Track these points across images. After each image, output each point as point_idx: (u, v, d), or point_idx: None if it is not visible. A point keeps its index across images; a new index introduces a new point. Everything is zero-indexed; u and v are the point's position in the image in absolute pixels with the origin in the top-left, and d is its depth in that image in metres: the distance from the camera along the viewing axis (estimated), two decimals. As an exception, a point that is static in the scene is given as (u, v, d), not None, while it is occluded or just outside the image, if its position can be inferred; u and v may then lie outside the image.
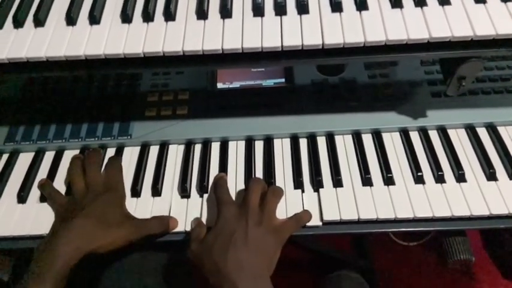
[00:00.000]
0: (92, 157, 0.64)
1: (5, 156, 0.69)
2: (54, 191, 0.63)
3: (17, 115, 0.72)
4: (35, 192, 0.64)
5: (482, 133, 0.66)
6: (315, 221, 0.58)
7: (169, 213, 0.61)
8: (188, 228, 0.59)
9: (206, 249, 0.51)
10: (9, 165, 0.67)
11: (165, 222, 0.58)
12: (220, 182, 0.60)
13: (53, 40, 0.53)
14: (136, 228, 0.57)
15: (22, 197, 0.63)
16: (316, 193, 0.61)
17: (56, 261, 0.50)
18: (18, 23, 0.54)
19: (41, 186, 0.64)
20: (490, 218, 0.57)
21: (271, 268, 0.52)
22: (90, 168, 0.62)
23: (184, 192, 0.63)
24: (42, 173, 0.67)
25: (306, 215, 0.58)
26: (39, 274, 0.49)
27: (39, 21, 0.54)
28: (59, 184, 0.65)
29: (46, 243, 0.53)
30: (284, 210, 0.59)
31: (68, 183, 0.63)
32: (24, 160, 0.68)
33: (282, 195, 0.59)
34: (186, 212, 0.61)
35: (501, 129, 0.66)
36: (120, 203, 0.60)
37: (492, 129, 0.66)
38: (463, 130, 0.67)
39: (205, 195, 0.62)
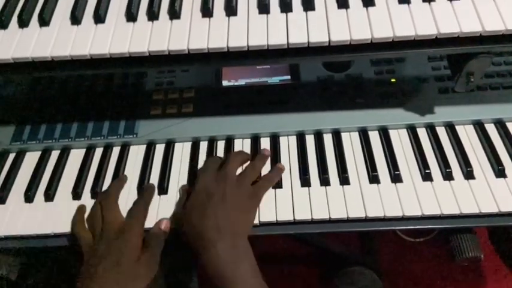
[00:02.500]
0: (108, 196, 0.60)
1: (12, 156, 0.69)
2: (83, 228, 0.59)
3: (23, 115, 0.72)
4: (41, 192, 0.64)
5: (491, 129, 0.65)
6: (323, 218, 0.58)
7: (175, 210, 0.60)
8: None
9: (186, 214, 0.54)
10: (16, 164, 0.68)
11: (161, 235, 0.56)
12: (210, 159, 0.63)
13: (58, 39, 0.53)
14: (150, 265, 0.54)
15: (29, 196, 0.63)
16: (323, 191, 0.60)
17: None
18: (23, 22, 0.54)
19: (74, 219, 0.60)
20: (499, 215, 0.57)
21: (250, 226, 0.55)
22: (105, 208, 0.58)
23: (191, 191, 0.63)
24: (49, 172, 0.67)
25: (274, 174, 0.61)
26: None
27: (44, 21, 0.54)
28: (65, 183, 0.65)
29: None
30: (291, 208, 0.59)
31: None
32: (30, 159, 0.68)
33: (261, 169, 0.62)
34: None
35: (510, 125, 0.65)
36: (130, 250, 0.54)
37: (501, 125, 0.65)
38: (471, 126, 0.66)
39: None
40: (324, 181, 0.61)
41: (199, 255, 0.52)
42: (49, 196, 0.63)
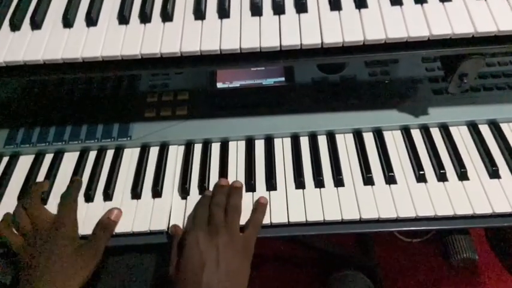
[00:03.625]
0: (30, 196, 0.61)
1: (5, 159, 0.69)
2: (11, 233, 0.59)
3: (17, 118, 0.72)
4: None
5: (485, 130, 0.65)
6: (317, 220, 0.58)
7: (170, 214, 0.60)
8: None
9: (180, 279, 0.52)
10: (10, 168, 0.67)
11: (108, 224, 0.57)
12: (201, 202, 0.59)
13: (50, 43, 0.53)
14: (91, 255, 0.55)
15: (23, 200, 0.63)
16: (317, 193, 0.60)
17: None
18: (15, 26, 0.54)
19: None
20: (493, 216, 0.57)
21: (245, 284, 0.53)
22: (31, 208, 0.59)
23: (184, 193, 0.62)
24: (42, 175, 0.66)
25: (258, 215, 0.58)
26: None
27: (36, 24, 0.54)
28: (59, 187, 0.65)
29: None
30: (285, 210, 0.59)
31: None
32: (24, 163, 0.68)
33: (240, 205, 0.58)
34: (185, 213, 0.60)
35: (504, 126, 0.65)
36: (65, 242, 0.56)
37: (495, 126, 0.65)
38: (465, 127, 0.66)
39: (206, 196, 0.62)
40: (319, 183, 0.61)
41: None
42: (43, 199, 0.63)
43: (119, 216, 0.58)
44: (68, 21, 0.54)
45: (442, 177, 0.60)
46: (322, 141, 0.66)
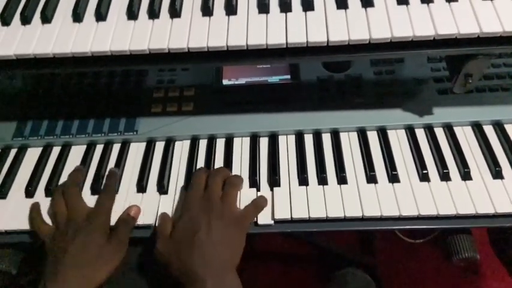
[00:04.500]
0: (70, 184, 0.62)
1: (14, 151, 0.70)
2: (41, 222, 0.60)
3: (25, 111, 0.73)
4: (42, 187, 0.65)
5: (489, 131, 0.65)
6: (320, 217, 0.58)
7: (173, 209, 0.61)
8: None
9: (173, 249, 0.53)
10: (18, 160, 0.68)
11: (128, 220, 0.59)
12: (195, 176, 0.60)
13: (59, 37, 0.53)
14: (117, 249, 0.56)
15: (30, 191, 0.64)
16: (320, 190, 0.61)
17: None
18: (25, 19, 0.55)
19: (31, 216, 0.61)
20: (496, 216, 0.57)
21: (237, 258, 0.54)
22: (69, 197, 0.60)
23: (189, 188, 0.63)
24: (50, 167, 0.67)
25: (262, 200, 0.60)
26: None
27: (46, 18, 0.55)
28: (66, 179, 0.65)
29: None
30: (288, 206, 0.59)
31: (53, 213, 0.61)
32: (32, 155, 0.69)
33: (241, 184, 0.61)
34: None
35: (508, 127, 0.66)
36: (98, 234, 0.56)
37: (499, 126, 0.66)
38: (470, 128, 0.66)
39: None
40: (322, 180, 0.62)
41: None
42: (50, 191, 0.64)
43: (138, 213, 0.60)
44: (77, 16, 0.54)
45: (445, 176, 0.60)
46: (327, 139, 0.67)
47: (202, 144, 0.69)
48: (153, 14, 0.54)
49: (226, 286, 0.52)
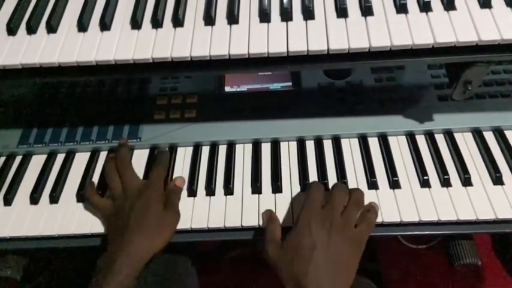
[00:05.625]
0: (122, 159, 0.65)
1: (19, 158, 0.71)
2: (98, 199, 0.63)
3: (30, 118, 0.74)
4: (47, 194, 0.66)
5: (489, 137, 0.66)
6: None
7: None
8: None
9: (285, 259, 0.52)
10: (22, 167, 0.69)
11: (178, 190, 0.63)
12: (315, 185, 0.57)
13: (65, 46, 0.54)
14: (173, 217, 0.60)
15: (35, 198, 0.65)
16: (322, 196, 0.61)
17: (121, 278, 0.52)
18: (31, 29, 0.56)
19: (86, 189, 0.64)
20: (496, 222, 0.57)
21: (350, 281, 0.52)
22: (123, 170, 0.63)
23: (192, 194, 0.64)
24: (54, 174, 0.68)
25: (371, 215, 0.57)
26: None
27: (51, 28, 0.55)
28: (70, 186, 0.66)
29: (109, 259, 0.54)
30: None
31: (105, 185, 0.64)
32: (36, 162, 0.70)
33: (363, 204, 0.57)
34: (192, 213, 0.62)
35: (508, 133, 0.66)
36: (157, 201, 0.59)
37: (499, 133, 0.66)
38: (470, 134, 0.67)
39: (212, 198, 0.63)
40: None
41: None
42: (54, 198, 0.65)
43: (183, 184, 0.64)
44: (82, 25, 0.55)
45: (445, 182, 0.61)
46: (328, 146, 0.67)
47: (205, 150, 0.69)
48: (157, 23, 0.54)
49: None
